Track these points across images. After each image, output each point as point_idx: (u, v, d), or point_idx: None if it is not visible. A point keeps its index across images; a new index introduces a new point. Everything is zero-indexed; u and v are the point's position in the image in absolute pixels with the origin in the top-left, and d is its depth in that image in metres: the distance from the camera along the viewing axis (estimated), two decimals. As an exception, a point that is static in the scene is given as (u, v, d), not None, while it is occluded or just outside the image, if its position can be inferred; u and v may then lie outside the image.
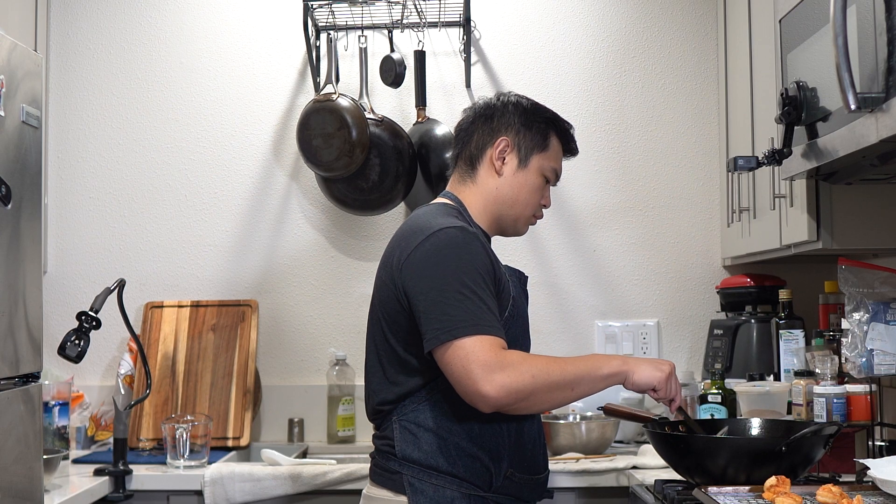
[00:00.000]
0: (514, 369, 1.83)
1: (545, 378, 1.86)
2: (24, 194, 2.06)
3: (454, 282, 1.88)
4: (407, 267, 1.93)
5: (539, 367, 1.86)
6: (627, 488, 2.56)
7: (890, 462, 1.95)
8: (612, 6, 3.40)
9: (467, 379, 1.82)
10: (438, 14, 3.28)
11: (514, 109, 2.12)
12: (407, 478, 1.94)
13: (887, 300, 2.34)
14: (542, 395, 1.87)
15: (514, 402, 1.84)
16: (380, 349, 2.03)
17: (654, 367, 1.98)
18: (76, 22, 3.42)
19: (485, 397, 1.82)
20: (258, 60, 3.41)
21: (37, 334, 2.12)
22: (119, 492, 2.66)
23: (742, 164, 2.37)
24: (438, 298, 1.87)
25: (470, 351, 1.82)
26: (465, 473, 1.94)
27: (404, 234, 2.01)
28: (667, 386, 1.99)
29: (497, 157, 2.10)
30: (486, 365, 1.81)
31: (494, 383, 1.81)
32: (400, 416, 1.98)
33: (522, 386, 1.82)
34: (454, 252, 1.91)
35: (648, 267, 3.36)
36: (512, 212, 2.12)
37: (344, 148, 3.13)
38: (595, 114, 3.37)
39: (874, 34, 1.73)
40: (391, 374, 2.00)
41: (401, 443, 1.96)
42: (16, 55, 2.04)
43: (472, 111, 2.16)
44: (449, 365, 1.85)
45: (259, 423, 3.31)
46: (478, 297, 1.88)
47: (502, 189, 2.10)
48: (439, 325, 1.85)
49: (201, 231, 3.39)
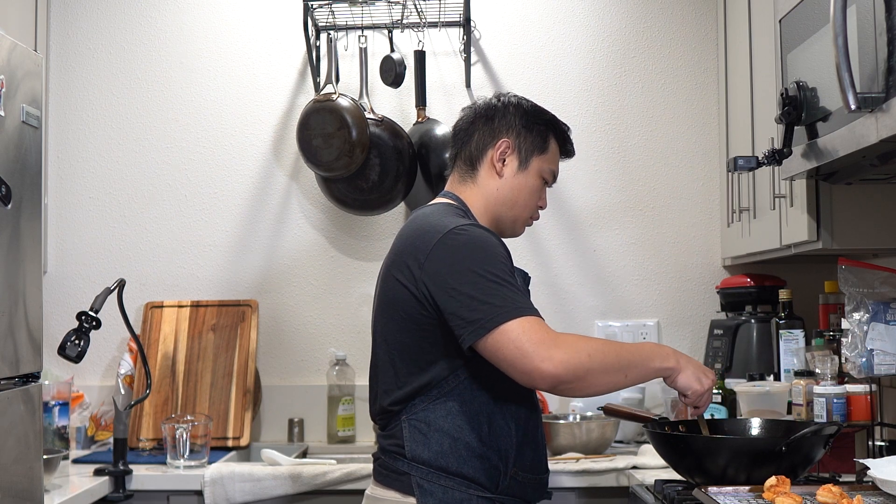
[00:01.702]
0: (571, 346, 1.82)
1: (602, 358, 1.85)
2: (24, 194, 2.06)
3: (484, 273, 1.87)
4: (430, 266, 1.91)
5: (595, 346, 1.86)
6: (627, 488, 2.56)
7: (890, 462, 1.95)
8: (612, 6, 3.40)
9: (524, 358, 1.81)
10: (438, 14, 3.28)
11: (514, 111, 2.12)
12: (416, 479, 1.93)
13: (887, 300, 2.34)
14: (597, 376, 1.85)
15: (572, 379, 1.82)
16: (392, 348, 2.00)
17: (698, 376, 1.99)
18: (76, 22, 3.42)
19: (544, 373, 1.80)
20: (258, 60, 3.41)
21: (37, 334, 2.12)
22: (119, 492, 2.66)
23: (742, 164, 2.37)
24: (472, 292, 1.86)
25: (521, 332, 1.81)
26: (474, 474, 1.94)
27: (415, 233, 1.99)
28: (700, 398, 2.01)
29: (498, 158, 2.09)
30: (541, 342, 1.80)
31: (554, 360, 1.80)
32: (410, 415, 1.96)
33: (580, 363, 1.82)
34: (477, 246, 1.91)
35: (648, 267, 3.36)
36: (511, 213, 2.12)
37: (344, 148, 3.13)
38: (595, 114, 3.37)
39: (874, 34, 1.73)
40: (403, 374, 1.98)
41: (410, 442, 1.95)
42: (16, 55, 2.04)
43: (472, 111, 2.16)
44: (500, 350, 1.83)
45: (259, 423, 3.31)
46: (509, 283, 1.87)
47: (502, 190, 2.10)
48: (480, 316, 1.84)
49: (201, 231, 3.39)
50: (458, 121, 2.19)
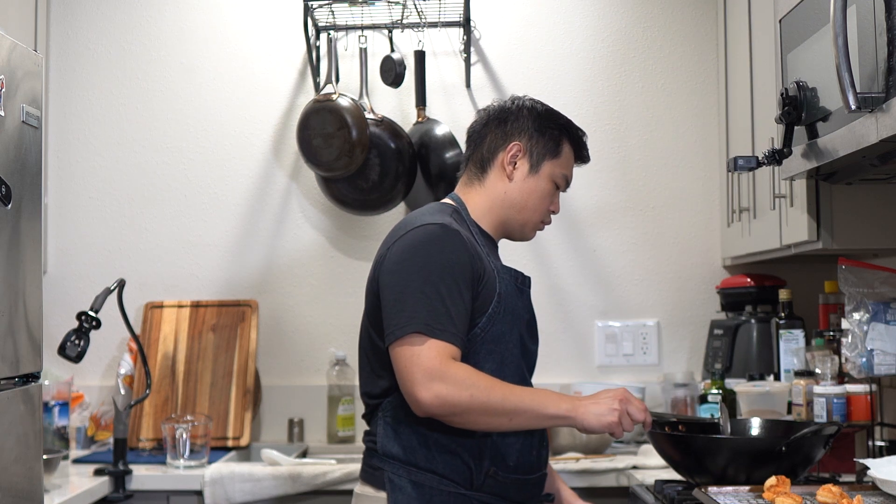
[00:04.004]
0: (455, 383, 1.84)
1: (484, 400, 1.85)
2: (24, 194, 2.06)
3: (418, 279, 1.89)
4: (385, 261, 1.96)
5: (481, 387, 1.86)
6: (627, 488, 2.56)
7: (890, 462, 1.95)
8: (612, 6, 3.40)
9: (408, 381, 1.85)
10: (438, 14, 3.28)
11: (528, 114, 2.10)
12: (387, 474, 1.95)
13: (887, 300, 2.34)
14: (476, 416, 1.87)
15: (447, 414, 1.86)
16: (364, 344, 2.05)
17: (603, 410, 1.90)
18: (76, 22, 3.42)
19: (418, 402, 1.84)
20: (258, 60, 3.41)
21: (37, 334, 2.12)
22: (119, 492, 2.66)
23: (742, 164, 2.37)
24: (400, 295, 1.90)
25: (416, 353, 1.84)
26: (445, 470, 1.94)
27: (393, 229, 2.04)
28: (621, 424, 1.91)
29: (508, 161, 2.08)
30: (428, 371, 1.83)
31: (431, 391, 1.83)
32: (384, 411, 1.99)
33: (458, 401, 1.84)
34: (427, 248, 1.92)
35: (648, 267, 3.36)
36: (520, 217, 2.11)
37: (344, 148, 3.13)
38: (595, 114, 3.37)
39: (874, 34, 1.73)
40: (377, 369, 2.01)
41: (383, 438, 1.97)
42: (16, 55, 2.04)
43: (486, 113, 2.14)
44: (395, 362, 1.88)
45: (259, 423, 3.31)
46: (440, 297, 1.87)
47: (511, 193, 2.09)
48: (395, 322, 1.88)
49: (201, 231, 3.39)
50: (472, 123, 2.17)
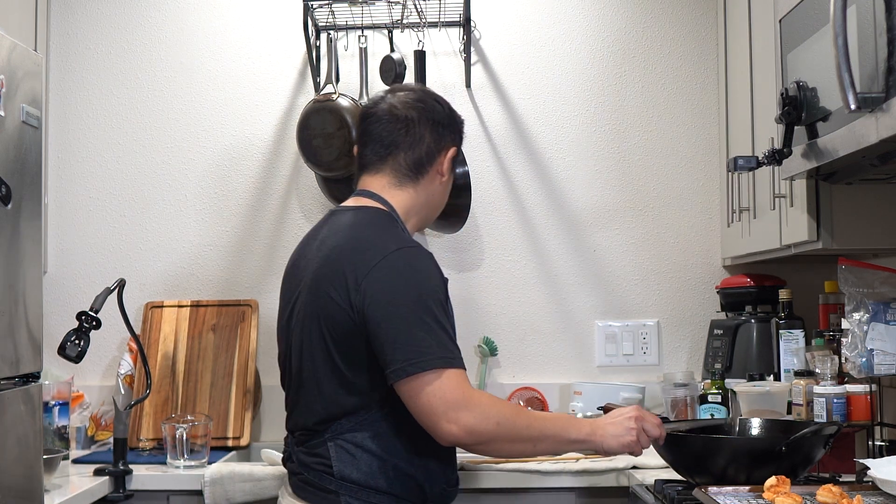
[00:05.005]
0: (481, 413, 1.83)
1: (510, 427, 1.86)
2: (24, 194, 2.06)
3: (417, 309, 1.85)
4: (368, 288, 1.87)
5: (507, 415, 1.86)
6: (627, 488, 2.56)
7: (890, 462, 1.95)
8: (612, 6, 3.40)
9: (432, 415, 1.83)
10: (438, 14, 3.28)
11: (451, 115, 2.13)
12: (345, 498, 1.93)
13: (887, 300, 2.34)
14: (502, 444, 1.87)
15: (474, 443, 1.86)
16: (318, 363, 1.96)
17: (621, 432, 1.96)
18: (76, 22, 3.42)
19: (446, 434, 1.83)
20: (258, 60, 3.40)
21: (37, 334, 2.12)
22: (119, 492, 2.66)
23: (742, 164, 2.37)
24: (402, 328, 1.85)
25: (437, 387, 1.82)
26: (402, 492, 1.95)
27: (353, 247, 1.93)
28: (639, 443, 1.98)
29: (448, 166, 2.08)
30: (453, 403, 1.82)
31: (460, 422, 1.82)
32: (335, 434, 1.94)
33: (485, 429, 1.83)
34: (415, 277, 1.89)
35: (648, 267, 3.36)
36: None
37: (344, 148, 3.13)
38: (595, 114, 3.37)
39: (874, 34, 1.73)
40: (328, 392, 1.95)
41: (338, 463, 1.93)
42: (16, 55, 2.04)
43: (415, 111, 2.07)
44: (413, 398, 1.84)
45: (259, 423, 3.31)
46: (440, 325, 1.86)
47: (437, 195, 2.10)
48: (405, 357, 1.83)
49: (201, 231, 3.39)
50: (392, 118, 2.07)
